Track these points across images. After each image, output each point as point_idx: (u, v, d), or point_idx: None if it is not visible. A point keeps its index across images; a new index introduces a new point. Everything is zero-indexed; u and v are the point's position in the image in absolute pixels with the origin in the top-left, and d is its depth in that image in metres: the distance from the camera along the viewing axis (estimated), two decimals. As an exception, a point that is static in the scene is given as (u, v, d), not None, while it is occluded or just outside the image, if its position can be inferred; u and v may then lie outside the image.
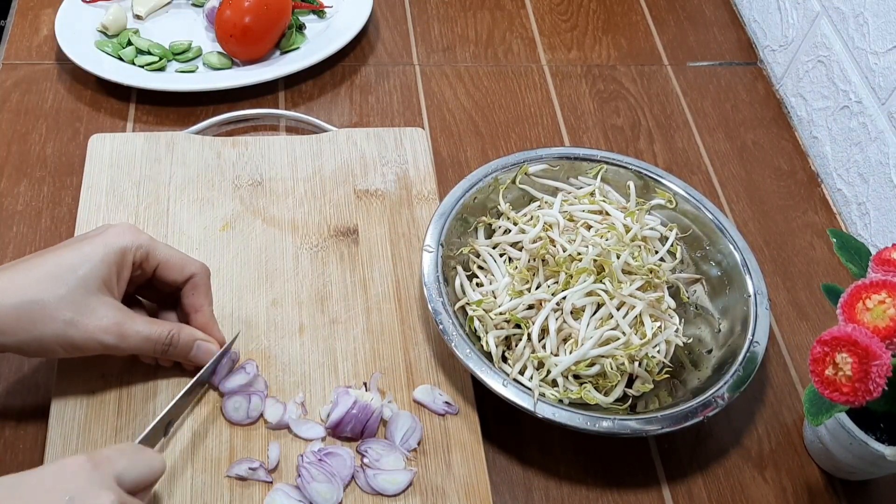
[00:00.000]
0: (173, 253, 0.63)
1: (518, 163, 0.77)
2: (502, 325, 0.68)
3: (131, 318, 0.60)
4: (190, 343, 0.63)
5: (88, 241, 0.59)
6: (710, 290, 0.74)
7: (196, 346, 0.63)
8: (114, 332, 0.58)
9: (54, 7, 0.91)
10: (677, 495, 0.67)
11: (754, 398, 0.73)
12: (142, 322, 0.60)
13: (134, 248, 0.60)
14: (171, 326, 0.62)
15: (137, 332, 0.60)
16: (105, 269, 0.58)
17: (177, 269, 0.63)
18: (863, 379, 0.52)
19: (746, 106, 0.97)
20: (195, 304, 0.64)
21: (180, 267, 0.63)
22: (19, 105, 0.85)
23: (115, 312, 0.59)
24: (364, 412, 0.63)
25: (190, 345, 0.63)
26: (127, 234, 0.60)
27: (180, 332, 0.62)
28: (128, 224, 0.62)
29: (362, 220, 0.77)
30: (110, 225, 0.61)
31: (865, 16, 0.85)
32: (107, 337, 0.58)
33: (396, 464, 0.62)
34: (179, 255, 0.63)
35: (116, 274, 0.60)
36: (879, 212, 0.83)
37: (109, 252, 0.59)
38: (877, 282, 0.56)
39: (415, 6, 1.01)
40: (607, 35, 1.02)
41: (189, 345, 0.63)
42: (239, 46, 0.88)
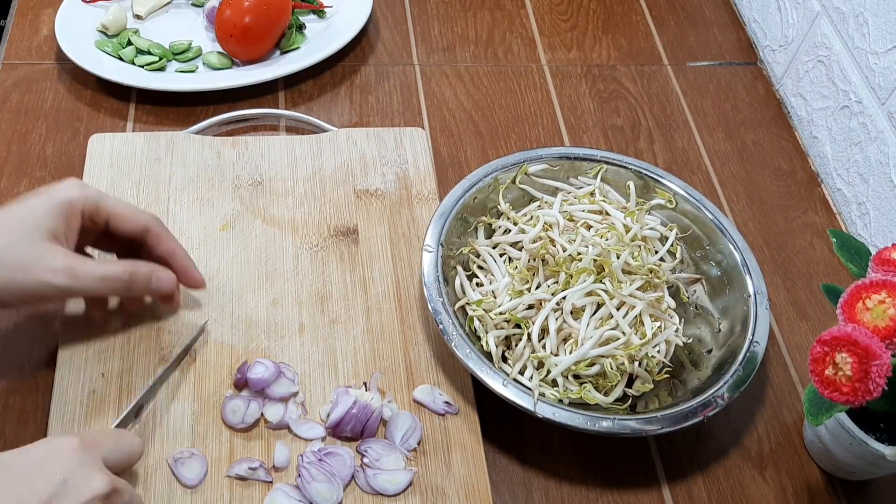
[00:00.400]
0: (123, 205, 0.63)
1: (518, 163, 0.77)
2: (502, 325, 0.68)
3: (83, 261, 0.60)
4: (148, 274, 0.63)
5: (34, 195, 0.60)
6: (710, 289, 0.74)
7: (155, 277, 0.63)
8: (64, 273, 0.58)
9: (54, 7, 0.91)
10: (677, 495, 0.67)
11: (754, 398, 0.73)
12: (94, 263, 0.61)
13: (81, 199, 0.60)
14: (126, 263, 0.62)
15: (90, 271, 0.59)
16: (52, 220, 0.58)
17: (128, 220, 0.63)
18: (863, 379, 0.52)
19: (746, 106, 0.97)
20: (166, 250, 0.64)
21: (132, 218, 0.63)
22: (19, 105, 0.85)
23: (64, 257, 0.59)
24: (364, 412, 0.63)
25: (148, 275, 0.63)
26: (74, 188, 0.60)
27: (136, 265, 0.62)
28: (76, 179, 0.62)
29: (362, 220, 0.77)
30: (61, 181, 0.61)
31: (865, 16, 0.85)
32: (58, 278, 0.58)
33: (396, 464, 0.62)
34: (130, 208, 0.63)
35: (64, 224, 0.59)
36: (879, 212, 0.83)
37: (55, 204, 0.59)
38: (877, 282, 0.56)
39: (415, 6, 1.01)
40: (607, 35, 1.02)
41: (147, 276, 0.63)
42: (239, 46, 0.88)
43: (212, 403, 0.64)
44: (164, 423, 0.63)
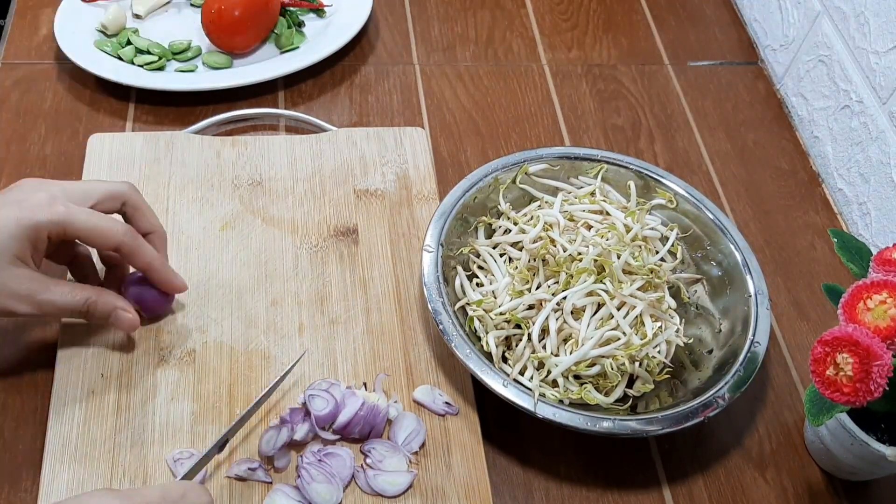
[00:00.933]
0: (93, 223, 0.60)
1: (518, 162, 0.76)
2: (502, 326, 0.68)
3: (45, 287, 0.59)
4: (107, 311, 0.62)
5: (2, 213, 0.57)
6: (711, 290, 0.74)
7: (114, 316, 0.62)
8: (27, 301, 0.58)
9: (53, 7, 0.91)
10: (678, 496, 0.67)
11: (755, 398, 0.73)
12: (58, 291, 0.59)
13: (47, 223, 0.58)
14: (89, 294, 0.61)
15: (51, 301, 0.59)
16: (16, 245, 0.57)
17: (98, 239, 0.61)
18: (864, 379, 0.52)
19: (747, 106, 0.97)
20: (141, 266, 0.63)
21: (102, 238, 0.60)
22: (19, 105, 0.85)
23: (27, 283, 0.58)
24: (372, 413, 0.63)
25: (107, 313, 0.62)
26: (42, 208, 0.58)
27: (98, 299, 0.61)
28: (45, 196, 0.58)
29: (362, 220, 0.77)
30: (24, 188, 0.59)
31: (866, 15, 0.84)
32: (21, 306, 0.58)
33: (399, 466, 0.62)
34: (100, 224, 0.60)
35: (31, 247, 0.58)
36: (880, 212, 0.83)
37: (21, 228, 0.57)
38: (878, 282, 0.56)
39: (415, 6, 1.01)
40: (608, 34, 1.02)
41: (106, 313, 0.62)
42: (222, 33, 0.88)
43: (211, 403, 0.64)
44: (164, 422, 0.63)
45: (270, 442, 0.61)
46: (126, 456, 0.61)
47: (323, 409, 0.62)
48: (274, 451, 0.61)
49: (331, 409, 0.62)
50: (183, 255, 0.72)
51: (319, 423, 0.62)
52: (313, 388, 0.64)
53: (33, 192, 0.59)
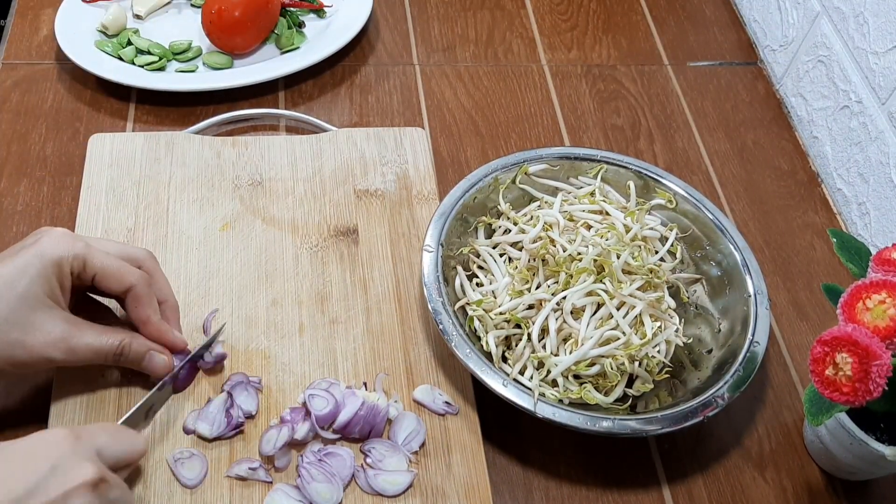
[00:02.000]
0: (110, 262, 0.60)
1: (518, 163, 0.77)
2: (502, 325, 0.68)
3: (79, 331, 0.58)
4: (142, 353, 0.61)
5: (23, 254, 0.57)
6: (711, 290, 0.74)
7: (149, 357, 0.62)
8: (61, 348, 0.57)
9: (54, 7, 0.91)
10: (677, 495, 0.67)
11: (754, 398, 0.73)
12: (91, 334, 0.59)
13: (70, 257, 0.58)
14: (123, 336, 0.60)
15: (87, 345, 0.58)
16: (45, 283, 0.57)
17: (114, 279, 0.60)
18: (863, 379, 0.52)
19: (746, 106, 0.97)
20: (140, 317, 0.62)
21: (118, 278, 0.60)
22: (19, 105, 0.85)
23: (62, 326, 0.57)
24: (372, 413, 0.63)
25: (142, 355, 0.61)
26: (62, 243, 0.58)
27: (132, 342, 0.61)
28: (62, 231, 0.59)
29: (362, 220, 0.77)
30: (44, 232, 0.59)
31: (865, 15, 0.85)
32: (55, 353, 0.57)
33: (399, 465, 0.62)
34: (117, 265, 0.60)
35: (59, 285, 0.58)
36: (879, 212, 0.83)
37: (46, 264, 0.57)
38: (877, 282, 0.56)
39: (415, 6, 1.01)
40: (607, 35, 1.02)
41: (141, 355, 0.61)
42: (223, 33, 0.88)
43: (212, 403, 0.64)
44: (164, 422, 0.63)
45: (271, 441, 0.61)
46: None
47: (323, 408, 0.62)
48: (274, 451, 0.61)
49: (331, 408, 0.62)
50: (183, 255, 0.72)
51: (319, 422, 0.62)
52: (313, 388, 0.64)
53: (52, 231, 0.59)
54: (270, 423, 0.62)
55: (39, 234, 0.59)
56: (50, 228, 0.60)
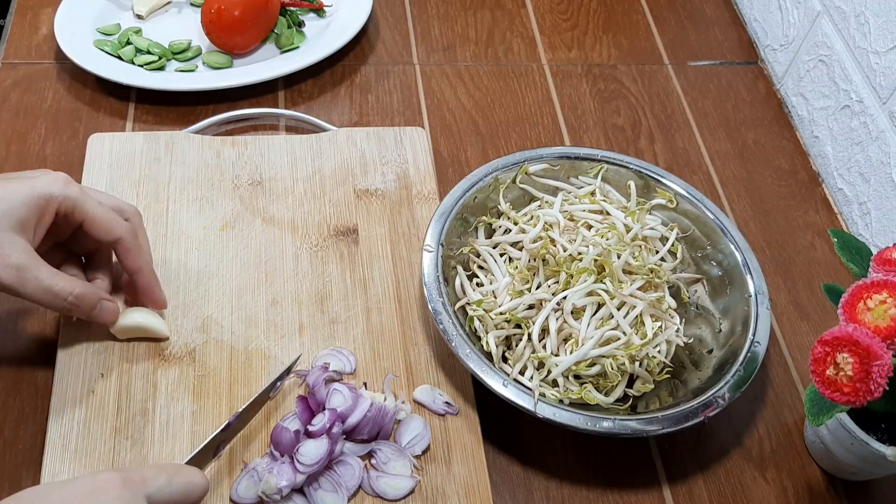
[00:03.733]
0: (101, 212, 0.61)
1: (518, 162, 0.76)
2: (502, 325, 0.68)
3: (36, 265, 0.58)
4: (93, 302, 0.61)
5: (17, 181, 0.58)
6: (711, 289, 0.74)
7: (100, 307, 0.62)
8: (13, 272, 0.57)
9: (53, 6, 0.91)
10: (678, 496, 0.67)
11: (755, 398, 0.73)
12: (47, 272, 0.58)
13: (61, 197, 0.59)
14: (78, 284, 0.60)
15: (38, 279, 0.58)
16: (24, 211, 0.57)
17: (103, 229, 0.61)
18: (864, 379, 0.52)
19: (747, 105, 0.97)
20: (131, 266, 0.63)
21: (107, 228, 0.61)
22: (18, 105, 0.85)
23: (20, 254, 0.57)
24: (380, 414, 0.63)
25: (93, 304, 0.61)
26: (58, 183, 0.59)
27: (85, 290, 0.61)
28: (63, 174, 0.60)
29: (362, 219, 0.77)
30: (47, 171, 0.60)
31: (866, 15, 0.84)
32: (5, 274, 0.57)
33: (403, 469, 0.62)
34: (108, 215, 0.61)
35: (37, 218, 0.58)
36: (880, 211, 0.83)
37: (33, 195, 0.57)
38: (878, 282, 0.56)
39: (415, 5, 1.01)
40: (608, 34, 1.02)
41: (92, 304, 0.61)
42: (222, 33, 0.88)
43: (211, 403, 0.64)
44: (164, 422, 0.63)
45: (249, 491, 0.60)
46: (126, 456, 0.61)
47: (342, 404, 0.62)
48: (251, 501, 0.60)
49: (349, 405, 0.62)
50: (183, 255, 0.72)
51: (341, 418, 0.62)
52: (322, 361, 0.64)
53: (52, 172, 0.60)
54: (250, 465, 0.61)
55: (42, 172, 0.60)
56: (51, 171, 0.60)
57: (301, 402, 0.63)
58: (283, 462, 0.59)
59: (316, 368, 0.65)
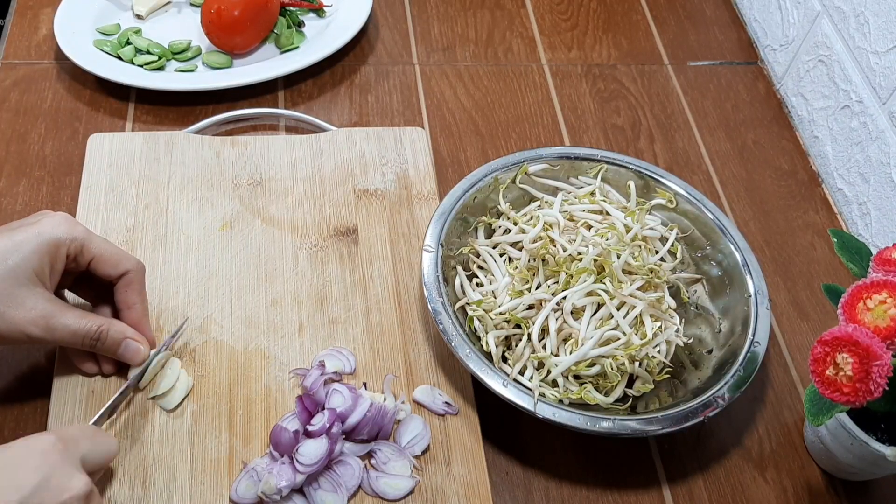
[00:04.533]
0: (109, 248, 0.62)
1: (518, 162, 0.76)
2: (502, 325, 0.68)
3: (60, 311, 0.59)
4: (118, 340, 0.62)
5: (22, 230, 0.58)
6: (711, 290, 0.74)
7: (125, 345, 0.62)
8: (41, 324, 0.58)
9: (53, 6, 0.91)
10: (678, 496, 0.67)
11: (755, 398, 0.73)
12: (71, 316, 0.59)
13: (68, 240, 0.59)
14: (101, 322, 0.61)
15: (65, 325, 0.59)
16: (36, 260, 0.58)
17: (111, 263, 0.62)
18: (863, 379, 0.52)
19: (747, 105, 0.97)
20: (128, 300, 0.63)
21: (115, 262, 0.62)
22: (18, 105, 0.85)
23: (43, 304, 0.58)
24: (380, 414, 0.63)
25: (118, 342, 0.62)
26: (62, 226, 0.59)
27: (110, 327, 0.61)
28: (64, 215, 0.60)
29: (362, 219, 0.77)
30: (46, 213, 0.60)
31: (866, 15, 0.84)
32: (33, 329, 0.57)
33: (402, 470, 0.62)
34: (115, 251, 0.62)
35: (49, 265, 0.59)
36: (880, 211, 0.83)
37: (42, 243, 0.58)
38: (878, 282, 0.56)
39: (415, 5, 1.01)
40: (608, 34, 1.02)
41: (117, 342, 0.62)
42: (222, 33, 0.88)
43: (211, 403, 0.64)
44: (164, 422, 0.63)
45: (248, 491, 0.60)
46: (126, 456, 0.61)
47: (342, 405, 0.62)
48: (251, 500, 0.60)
49: (349, 405, 0.62)
50: (183, 255, 0.72)
51: (340, 418, 0.62)
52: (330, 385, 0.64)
53: (53, 214, 0.60)
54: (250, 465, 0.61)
55: (41, 215, 0.60)
56: (51, 212, 0.61)
57: (300, 402, 0.63)
58: (282, 462, 0.59)
59: (314, 368, 0.65)
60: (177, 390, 0.64)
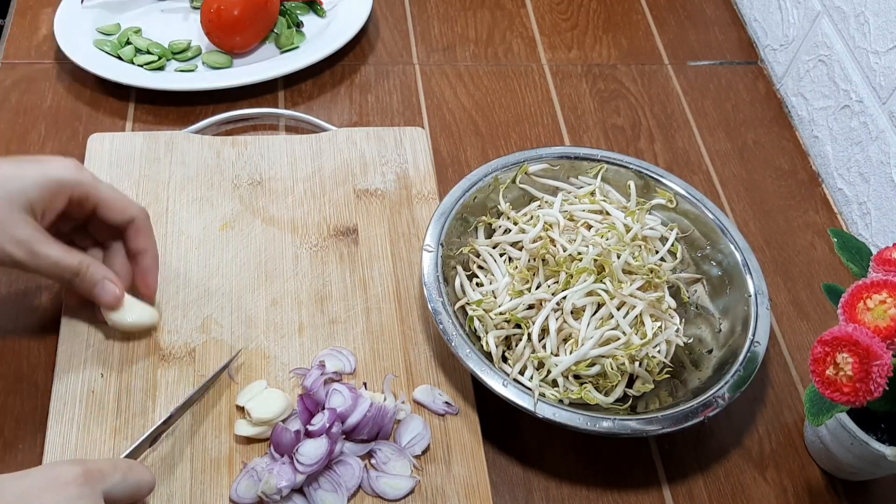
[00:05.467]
0: (115, 194, 0.62)
1: (518, 162, 0.76)
2: (502, 325, 0.68)
3: (46, 241, 0.59)
4: (96, 279, 0.62)
5: (30, 162, 0.59)
6: (711, 289, 0.74)
7: (101, 285, 0.62)
8: (25, 247, 0.58)
9: (53, 6, 0.91)
10: (678, 496, 0.67)
11: (755, 398, 0.73)
12: (56, 247, 0.60)
13: (73, 183, 0.60)
14: (84, 258, 0.61)
15: (48, 254, 0.59)
16: (35, 192, 0.58)
17: (117, 210, 0.62)
18: (864, 379, 0.52)
19: (747, 105, 0.97)
20: (140, 246, 0.64)
21: (121, 208, 0.62)
22: (18, 105, 0.85)
23: (31, 232, 0.58)
24: (380, 414, 0.63)
25: (95, 281, 0.62)
26: (70, 169, 0.60)
27: (90, 264, 0.62)
28: (73, 160, 0.61)
29: (362, 219, 0.77)
30: (55, 157, 0.61)
31: (866, 15, 0.84)
32: (16, 251, 0.58)
33: (402, 470, 0.62)
34: (121, 197, 0.63)
35: (47, 200, 0.59)
36: (880, 211, 0.83)
37: (46, 178, 0.59)
38: (878, 281, 0.56)
39: (415, 5, 1.01)
40: (608, 34, 1.02)
41: (94, 280, 0.62)
42: (222, 32, 0.88)
43: (211, 404, 0.64)
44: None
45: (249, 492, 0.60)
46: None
47: (342, 404, 0.62)
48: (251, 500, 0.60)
49: (349, 405, 0.62)
50: (183, 255, 0.72)
51: (341, 418, 0.62)
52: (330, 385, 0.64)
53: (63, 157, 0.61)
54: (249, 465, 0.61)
55: (52, 157, 0.61)
56: (62, 157, 0.61)
57: (300, 402, 0.63)
58: (282, 462, 0.59)
59: (314, 368, 0.65)
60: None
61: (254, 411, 0.62)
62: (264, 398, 0.63)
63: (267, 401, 0.62)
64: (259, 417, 0.61)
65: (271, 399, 0.63)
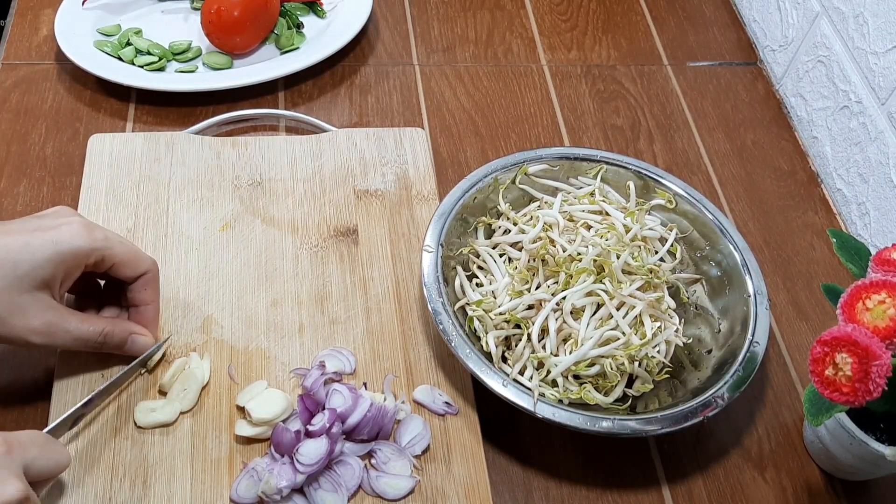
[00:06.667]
0: (127, 250, 0.61)
1: (518, 163, 0.77)
2: (502, 326, 0.68)
3: (62, 319, 0.59)
4: (124, 338, 0.62)
5: (38, 235, 0.57)
6: (710, 290, 0.74)
7: (131, 340, 0.62)
8: (42, 332, 0.57)
9: (54, 7, 0.91)
10: (677, 496, 0.67)
11: (754, 398, 0.73)
12: (73, 321, 0.59)
13: (88, 252, 0.58)
14: (104, 324, 0.61)
15: (67, 331, 0.59)
16: (49, 270, 0.57)
17: (131, 266, 0.62)
18: (863, 379, 0.52)
19: (746, 106, 0.97)
20: (147, 299, 0.63)
21: (135, 264, 0.62)
22: (19, 105, 0.85)
23: (45, 313, 0.57)
24: (380, 414, 0.63)
25: (124, 339, 0.62)
26: (81, 236, 0.58)
27: (114, 328, 0.61)
28: (81, 221, 0.59)
29: (362, 220, 0.77)
30: (64, 217, 0.59)
31: (865, 16, 0.85)
32: (35, 337, 0.57)
33: (403, 470, 0.62)
34: (134, 252, 0.62)
35: (63, 274, 0.58)
36: (879, 212, 0.83)
37: (58, 253, 0.57)
38: (877, 282, 0.56)
39: (415, 6, 1.01)
40: (607, 35, 1.02)
41: (123, 339, 0.62)
42: (222, 33, 0.88)
43: (210, 405, 0.64)
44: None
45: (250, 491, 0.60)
46: (126, 456, 0.61)
47: (342, 405, 0.62)
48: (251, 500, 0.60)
49: (349, 405, 0.62)
50: (183, 256, 0.72)
51: (341, 418, 0.62)
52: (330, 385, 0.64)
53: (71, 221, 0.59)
54: (250, 465, 0.61)
55: (58, 217, 0.59)
56: (69, 215, 0.59)
57: (301, 402, 0.63)
58: (283, 462, 0.60)
59: (315, 369, 0.65)
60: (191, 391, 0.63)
61: (254, 411, 0.62)
62: (264, 398, 0.63)
63: (267, 401, 0.63)
64: (259, 417, 0.61)
65: (271, 399, 0.63)
